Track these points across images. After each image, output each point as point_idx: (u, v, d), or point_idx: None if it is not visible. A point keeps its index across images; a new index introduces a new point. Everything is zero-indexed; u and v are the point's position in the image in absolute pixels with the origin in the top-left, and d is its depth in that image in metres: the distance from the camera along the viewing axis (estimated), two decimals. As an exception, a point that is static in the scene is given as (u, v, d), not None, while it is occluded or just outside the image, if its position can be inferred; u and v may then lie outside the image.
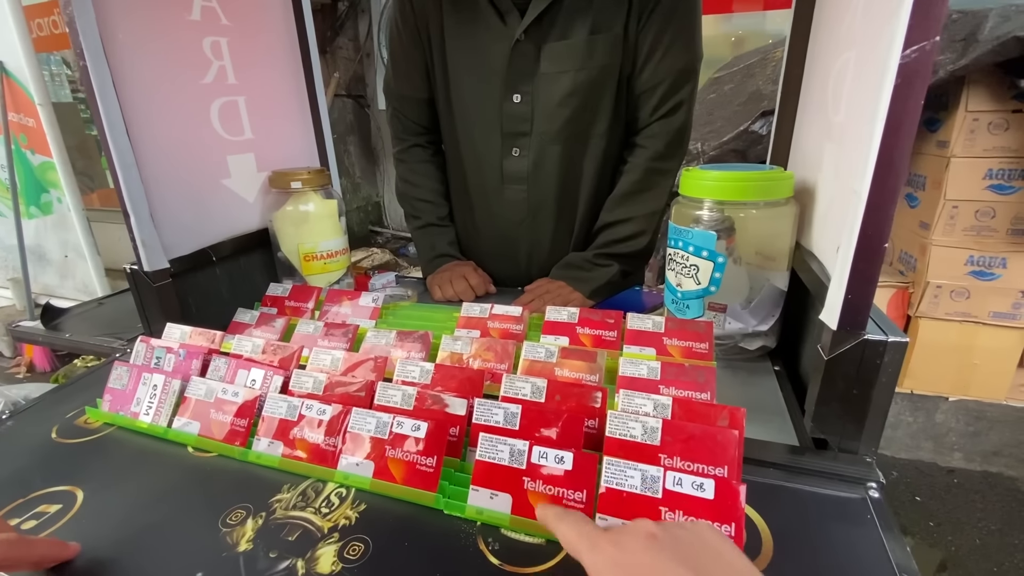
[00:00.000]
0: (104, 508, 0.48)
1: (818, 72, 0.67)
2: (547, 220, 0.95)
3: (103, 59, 0.66)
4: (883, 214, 0.39)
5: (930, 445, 1.97)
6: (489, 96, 0.86)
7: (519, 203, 0.94)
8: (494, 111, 0.87)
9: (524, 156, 0.89)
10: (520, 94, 0.85)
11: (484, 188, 0.96)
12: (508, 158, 0.90)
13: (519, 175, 0.91)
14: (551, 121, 0.86)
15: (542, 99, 0.85)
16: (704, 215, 0.67)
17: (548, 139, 0.88)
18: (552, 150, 0.88)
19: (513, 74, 0.84)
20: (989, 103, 1.58)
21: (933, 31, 0.35)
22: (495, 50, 0.83)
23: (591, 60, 0.81)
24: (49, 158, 2.19)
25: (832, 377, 0.46)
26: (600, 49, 0.81)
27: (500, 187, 0.93)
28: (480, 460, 0.45)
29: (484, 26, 0.83)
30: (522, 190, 0.92)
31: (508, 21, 0.81)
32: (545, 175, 0.91)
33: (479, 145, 0.92)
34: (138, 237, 0.72)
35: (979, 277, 1.71)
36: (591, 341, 0.67)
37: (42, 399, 0.67)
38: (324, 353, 0.62)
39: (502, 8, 0.81)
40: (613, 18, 0.79)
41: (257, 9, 0.90)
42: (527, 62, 0.83)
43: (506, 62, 0.83)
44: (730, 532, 0.38)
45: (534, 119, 0.86)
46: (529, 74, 0.84)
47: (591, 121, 0.87)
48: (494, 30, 0.82)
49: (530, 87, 0.84)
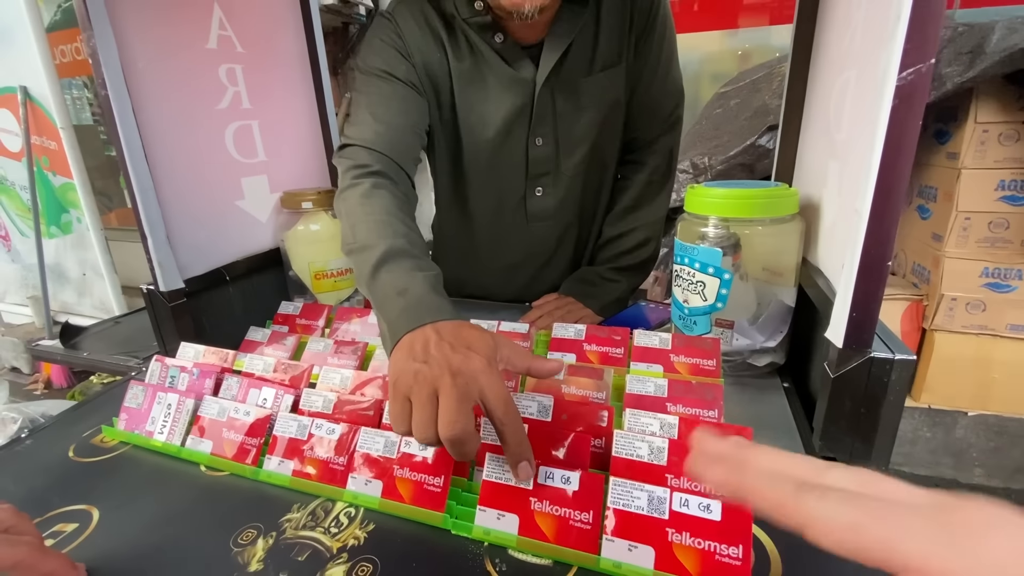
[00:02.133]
0: (119, 527, 0.49)
1: (820, 89, 0.68)
2: (569, 248, 0.97)
3: (124, 87, 0.68)
4: (884, 233, 0.39)
5: (950, 461, 1.92)
6: (512, 141, 0.84)
7: (545, 238, 0.94)
8: (519, 155, 0.85)
9: (548, 195, 0.89)
10: (541, 137, 0.84)
11: (506, 229, 0.93)
12: (532, 199, 0.89)
13: (544, 213, 0.91)
14: (572, 157, 0.87)
15: (563, 139, 0.85)
16: (710, 232, 0.67)
17: (570, 174, 0.88)
18: (575, 183, 0.90)
19: (534, 119, 0.82)
20: (999, 114, 1.57)
21: (929, 53, 0.35)
22: (510, 99, 0.80)
23: (604, 95, 0.83)
24: (70, 179, 2.25)
25: (839, 395, 0.46)
26: (610, 83, 0.83)
27: (525, 225, 0.92)
28: (487, 480, 0.45)
29: (494, 76, 0.79)
30: (547, 225, 0.93)
31: (519, 69, 0.78)
32: (568, 210, 0.92)
33: (501, 190, 0.89)
34: (155, 258, 0.74)
35: (995, 289, 1.68)
36: (598, 358, 0.67)
37: (60, 418, 0.69)
38: (334, 372, 0.63)
39: (509, 57, 0.77)
40: (617, 52, 0.81)
41: (271, 37, 0.93)
42: (545, 106, 0.82)
43: (526, 107, 0.81)
44: (737, 555, 0.38)
45: (557, 159, 0.87)
46: (548, 116, 0.83)
47: (607, 150, 0.89)
48: (505, 79, 0.79)
49: (550, 128, 0.84)
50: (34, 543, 0.38)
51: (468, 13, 0.74)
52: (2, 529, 0.37)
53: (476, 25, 0.75)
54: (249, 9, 0.88)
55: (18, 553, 0.36)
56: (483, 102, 0.81)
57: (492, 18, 0.73)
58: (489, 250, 0.97)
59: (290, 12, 0.97)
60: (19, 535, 0.38)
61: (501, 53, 0.77)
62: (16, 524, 0.39)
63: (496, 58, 0.77)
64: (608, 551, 0.41)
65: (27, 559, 0.37)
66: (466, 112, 0.82)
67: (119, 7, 0.68)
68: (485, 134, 0.83)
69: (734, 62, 2.78)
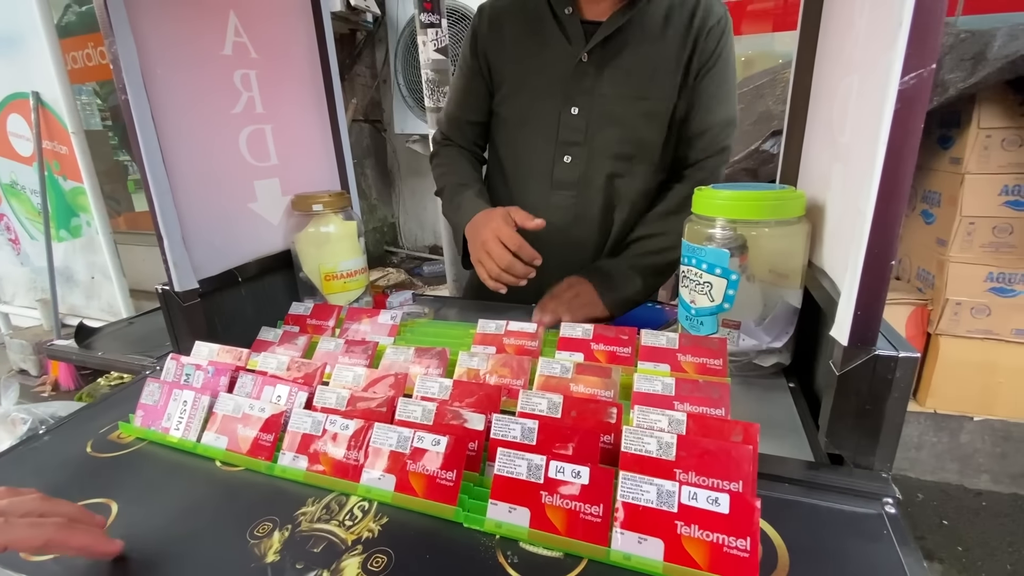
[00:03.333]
0: (137, 520, 0.50)
1: (824, 93, 0.69)
2: (587, 231, 0.99)
3: (143, 92, 0.70)
4: (888, 233, 0.40)
5: (956, 467, 1.91)
6: (548, 106, 0.93)
7: (565, 208, 0.97)
8: (552, 120, 0.93)
9: (575, 164, 0.95)
10: (577, 107, 0.92)
11: (531, 193, 0.99)
12: (559, 164, 0.96)
13: (568, 181, 0.96)
14: (603, 136, 0.92)
15: (596, 114, 0.92)
16: (717, 233, 0.68)
17: (598, 152, 0.93)
18: (601, 163, 0.94)
19: (573, 88, 0.91)
20: (1001, 120, 1.58)
21: (930, 58, 0.36)
22: (559, 67, 0.91)
23: (646, 91, 0.90)
24: (80, 183, 2.28)
25: (845, 393, 0.47)
26: (657, 83, 0.89)
27: (548, 192, 0.97)
28: (499, 475, 0.46)
29: (550, 46, 0.92)
30: (570, 195, 0.97)
31: (573, 41, 0.90)
32: (591, 185, 0.96)
33: (533, 151, 0.98)
34: (170, 259, 0.76)
35: (1000, 294, 1.68)
36: (606, 357, 0.69)
37: (76, 415, 0.70)
38: (346, 370, 0.64)
39: (570, 31, 0.90)
40: (674, 60, 0.89)
41: (284, 43, 0.95)
42: (588, 80, 0.90)
43: (568, 77, 0.91)
44: (745, 547, 0.39)
45: (588, 130, 0.93)
46: (588, 91, 0.91)
47: (640, 145, 0.93)
48: (559, 49, 0.91)
49: (588, 101, 0.91)
50: (61, 522, 0.40)
51: None
52: (29, 515, 0.39)
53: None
54: (263, 16, 0.90)
55: (45, 533, 0.38)
56: (534, 68, 0.93)
57: None
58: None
59: (302, 19, 0.99)
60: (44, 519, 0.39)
61: (563, 23, 0.90)
62: (43, 508, 0.40)
63: (555, 27, 0.91)
64: (618, 543, 0.41)
65: (55, 537, 0.38)
66: (515, 77, 0.95)
67: (139, 15, 0.70)
68: (527, 95, 0.95)
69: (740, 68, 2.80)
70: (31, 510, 0.39)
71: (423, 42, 1.63)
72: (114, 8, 0.67)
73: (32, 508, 0.40)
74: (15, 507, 0.39)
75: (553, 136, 0.95)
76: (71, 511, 0.43)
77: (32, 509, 0.40)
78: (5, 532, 0.36)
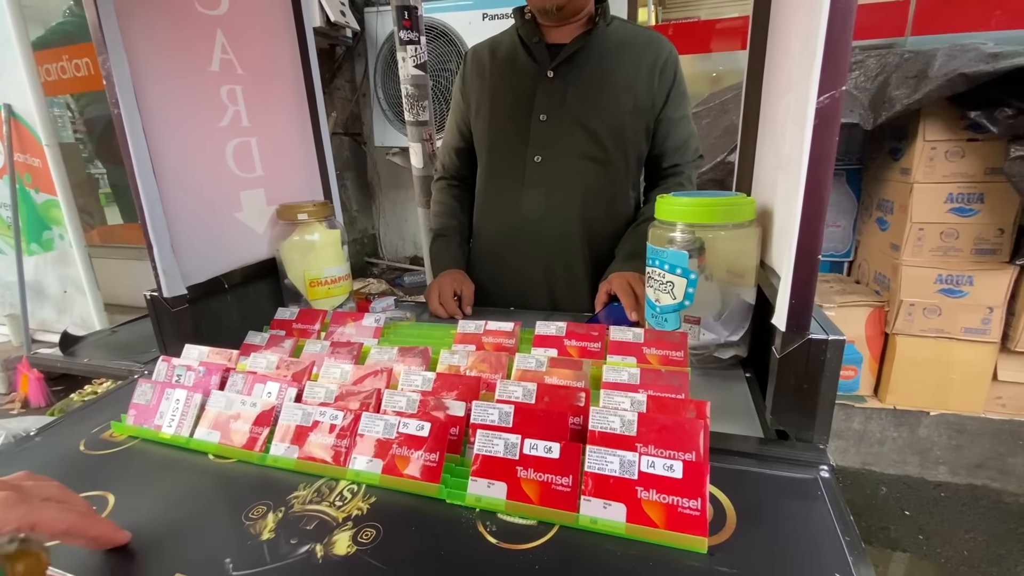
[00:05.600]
0: (135, 508, 0.53)
1: (770, 110, 0.76)
2: (558, 223, 1.09)
3: (135, 107, 0.73)
4: (814, 229, 0.47)
5: (916, 460, 2.01)
6: (520, 115, 1.07)
7: (536, 203, 1.08)
8: (524, 126, 1.07)
9: (544, 163, 1.07)
10: (546, 114, 1.05)
11: (506, 189, 1.11)
12: (530, 164, 1.08)
13: (538, 179, 1.08)
14: (569, 138, 1.05)
15: (563, 119, 1.05)
16: (677, 236, 0.75)
17: (565, 152, 1.06)
18: (567, 161, 1.06)
19: (542, 100, 1.05)
20: (945, 133, 1.71)
21: (840, 80, 0.43)
22: (529, 83, 1.06)
23: (605, 100, 1.03)
24: (53, 196, 2.26)
25: (785, 374, 0.53)
26: (615, 95, 1.03)
27: (521, 188, 1.09)
28: (478, 453, 0.51)
29: (521, 68, 1.07)
30: (540, 191, 1.08)
31: (541, 62, 1.05)
32: (560, 182, 1.07)
33: (507, 154, 1.11)
34: (160, 266, 0.79)
35: (948, 295, 1.80)
36: (577, 352, 0.74)
37: (67, 417, 0.72)
38: (334, 367, 0.68)
39: (537, 54, 1.05)
40: (631, 77, 1.03)
41: (269, 59, 0.99)
42: (555, 92, 1.04)
43: (537, 91, 1.05)
44: (696, 507, 0.44)
45: (555, 134, 1.06)
46: (555, 101, 1.04)
47: (602, 146, 1.05)
48: (528, 69, 1.06)
49: (555, 109, 1.05)
50: (84, 511, 0.43)
51: (520, 22, 1.07)
52: (50, 500, 0.42)
53: (525, 30, 1.05)
54: (249, 34, 0.94)
55: (70, 519, 0.41)
56: (508, 87, 1.08)
57: (535, 23, 1.05)
58: (498, 204, 1.15)
59: (286, 37, 1.03)
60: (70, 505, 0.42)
61: (531, 49, 1.05)
62: (66, 497, 0.43)
63: (525, 53, 1.07)
64: (586, 509, 0.46)
65: (78, 524, 0.41)
66: (493, 96, 1.10)
67: (132, 33, 0.74)
68: (504, 108, 1.09)
69: (708, 84, 2.93)
70: (52, 495, 0.42)
71: (402, 58, 1.68)
72: (108, 27, 0.70)
73: (53, 494, 0.42)
74: (39, 490, 0.41)
75: (525, 139, 1.06)
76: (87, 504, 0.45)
77: (53, 495, 0.42)
78: (35, 511, 0.39)
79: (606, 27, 1.03)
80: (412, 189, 1.94)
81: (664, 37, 1.08)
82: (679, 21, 3.84)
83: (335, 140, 3.10)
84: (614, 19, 1.06)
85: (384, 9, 2.74)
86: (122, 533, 0.46)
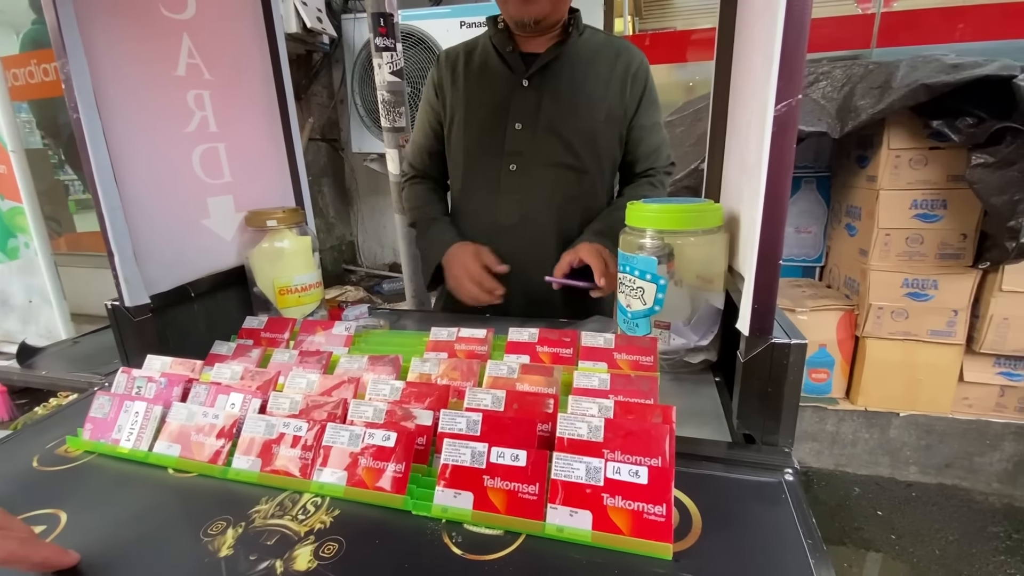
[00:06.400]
0: (87, 527, 0.51)
1: (737, 118, 0.77)
2: (533, 229, 1.09)
3: (95, 112, 0.72)
4: (774, 235, 0.47)
5: (887, 460, 2.06)
6: (495, 124, 1.07)
7: (512, 211, 1.09)
8: (499, 135, 1.07)
9: (519, 172, 1.08)
10: (521, 123, 1.06)
11: (482, 199, 1.11)
12: (505, 172, 1.08)
13: (513, 187, 1.08)
14: (543, 147, 1.06)
15: (537, 128, 1.05)
16: (647, 243, 0.75)
17: (539, 160, 1.06)
18: (542, 170, 1.07)
19: (517, 108, 1.05)
20: (908, 141, 1.76)
21: (796, 90, 0.44)
22: (504, 91, 1.06)
23: (579, 109, 1.04)
24: (19, 203, 2.18)
25: (749, 378, 0.53)
26: (588, 104, 1.04)
27: (496, 196, 1.09)
28: (445, 463, 0.50)
29: (496, 77, 1.07)
30: (515, 199, 1.08)
31: (515, 71, 1.06)
32: (534, 190, 1.08)
33: (482, 163, 1.10)
34: (121, 275, 0.76)
35: (915, 298, 1.85)
36: (549, 358, 0.74)
37: (21, 432, 0.69)
38: (300, 376, 0.67)
39: (512, 63, 1.06)
40: (603, 87, 1.05)
41: (238, 64, 0.98)
42: (530, 101, 1.05)
43: (512, 99, 1.06)
44: (661, 512, 0.44)
45: (530, 142, 1.06)
46: (530, 109, 1.05)
47: (575, 154, 1.06)
48: (503, 78, 1.07)
49: (530, 118, 1.05)
50: (23, 536, 0.41)
51: (494, 31, 1.07)
52: None
53: (498, 39, 1.06)
54: (217, 38, 0.93)
55: (9, 546, 0.39)
56: (483, 94, 1.08)
57: (508, 33, 1.05)
58: (474, 212, 1.15)
59: (256, 41, 1.02)
60: (8, 531, 0.40)
61: (506, 58, 1.06)
62: (5, 523, 0.41)
63: (499, 61, 1.07)
64: (552, 517, 0.46)
65: (18, 551, 0.39)
66: (467, 104, 1.09)
67: (93, 36, 0.72)
68: (479, 116, 1.08)
69: (683, 93, 2.98)
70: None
71: (379, 64, 1.68)
72: (67, 29, 0.69)
73: None
74: None
75: (500, 149, 1.07)
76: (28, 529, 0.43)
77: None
78: None
79: (579, 37, 1.05)
80: (390, 195, 1.93)
81: (635, 46, 1.10)
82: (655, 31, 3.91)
83: (312, 146, 3.07)
84: (586, 28, 1.08)
85: (361, 16, 2.73)
86: (69, 556, 0.44)
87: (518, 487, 0.47)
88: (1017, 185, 1.54)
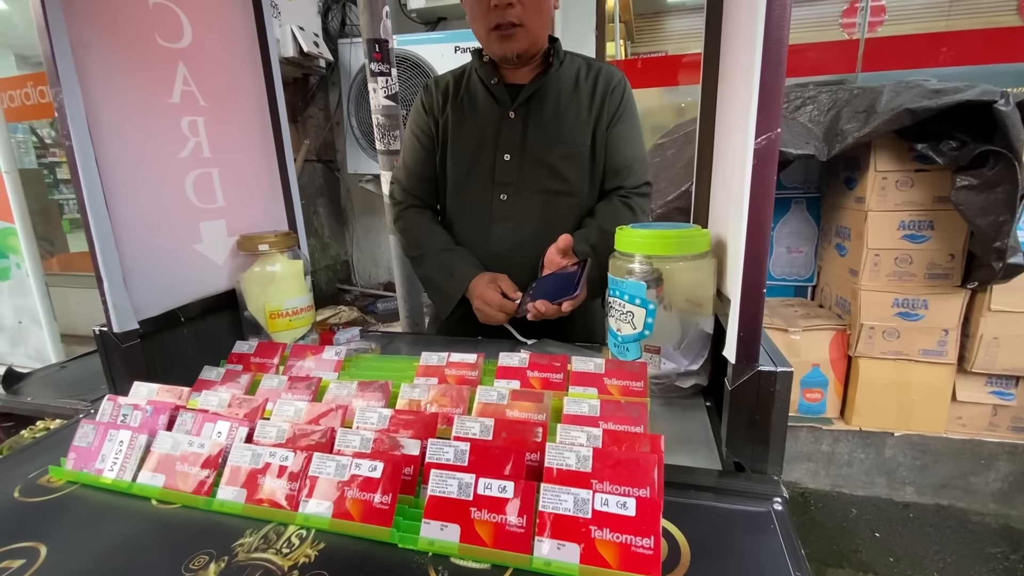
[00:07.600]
0: (67, 561, 0.50)
1: (723, 144, 0.79)
2: (524, 256, 1.08)
3: (88, 139, 0.72)
4: (758, 264, 0.48)
5: (883, 480, 2.05)
6: (485, 155, 1.09)
7: (503, 239, 1.10)
8: (488, 166, 1.09)
9: (510, 201, 1.10)
10: (509, 154, 1.08)
11: (474, 227, 1.13)
12: (496, 202, 1.10)
13: (505, 215, 1.10)
14: (532, 176, 1.08)
15: (525, 158, 1.08)
16: (636, 268, 0.76)
17: (528, 189, 1.08)
18: (531, 198, 1.09)
19: (504, 139, 1.08)
20: (894, 163, 1.79)
21: (775, 124, 0.45)
22: (491, 123, 1.09)
23: (564, 137, 1.07)
24: (11, 224, 2.18)
25: (737, 405, 0.53)
26: (573, 131, 1.07)
27: (488, 225, 1.11)
28: (432, 495, 0.50)
29: (483, 108, 1.10)
30: (507, 227, 1.10)
31: (501, 103, 1.08)
32: (525, 218, 1.09)
33: (474, 193, 1.12)
34: (110, 300, 0.76)
35: (906, 318, 1.86)
36: (540, 383, 0.73)
37: (3, 461, 0.68)
38: (288, 404, 0.66)
39: (497, 95, 1.08)
40: (586, 112, 1.08)
41: (233, 90, 0.99)
42: (517, 132, 1.07)
43: (500, 130, 1.08)
44: (650, 545, 0.44)
45: (519, 172, 1.08)
46: (517, 140, 1.07)
47: (563, 181, 1.08)
48: (490, 109, 1.09)
49: (518, 148, 1.07)
50: None
51: (479, 64, 1.09)
52: None
53: (483, 71, 1.08)
54: (212, 66, 0.94)
55: None
56: (470, 125, 1.10)
57: (493, 65, 1.08)
58: (467, 239, 1.15)
59: (251, 67, 1.03)
60: None
61: (491, 89, 1.09)
62: None
63: (485, 93, 1.10)
64: (539, 550, 0.45)
65: None
66: (457, 134, 1.11)
67: (88, 65, 0.73)
68: (468, 148, 1.10)
69: (674, 115, 3.03)
70: None
71: (374, 89, 1.70)
72: (61, 59, 0.70)
73: None
74: None
75: (490, 179, 1.09)
76: None
77: None
78: None
79: (559, 65, 1.07)
80: (385, 216, 1.94)
81: (615, 67, 1.13)
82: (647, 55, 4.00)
83: (308, 167, 3.10)
84: (567, 55, 1.10)
85: (357, 41, 2.78)
86: None
87: (505, 519, 0.47)
88: (1001, 206, 1.57)
